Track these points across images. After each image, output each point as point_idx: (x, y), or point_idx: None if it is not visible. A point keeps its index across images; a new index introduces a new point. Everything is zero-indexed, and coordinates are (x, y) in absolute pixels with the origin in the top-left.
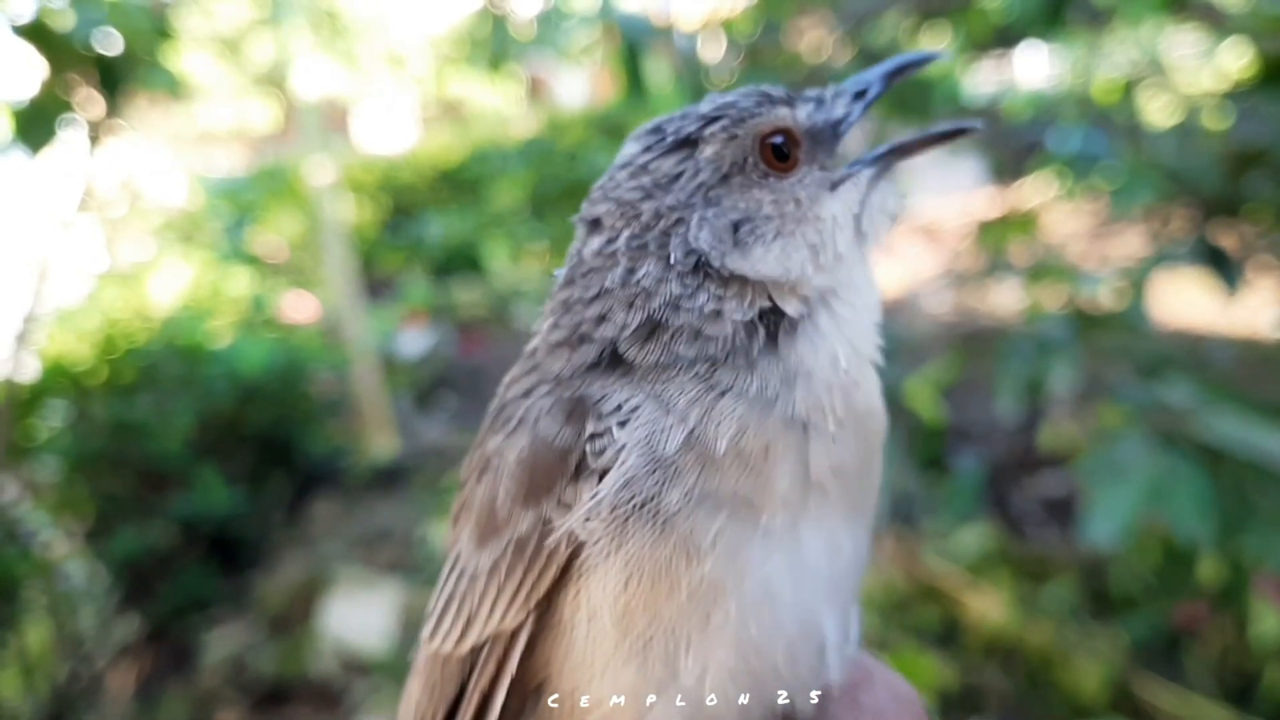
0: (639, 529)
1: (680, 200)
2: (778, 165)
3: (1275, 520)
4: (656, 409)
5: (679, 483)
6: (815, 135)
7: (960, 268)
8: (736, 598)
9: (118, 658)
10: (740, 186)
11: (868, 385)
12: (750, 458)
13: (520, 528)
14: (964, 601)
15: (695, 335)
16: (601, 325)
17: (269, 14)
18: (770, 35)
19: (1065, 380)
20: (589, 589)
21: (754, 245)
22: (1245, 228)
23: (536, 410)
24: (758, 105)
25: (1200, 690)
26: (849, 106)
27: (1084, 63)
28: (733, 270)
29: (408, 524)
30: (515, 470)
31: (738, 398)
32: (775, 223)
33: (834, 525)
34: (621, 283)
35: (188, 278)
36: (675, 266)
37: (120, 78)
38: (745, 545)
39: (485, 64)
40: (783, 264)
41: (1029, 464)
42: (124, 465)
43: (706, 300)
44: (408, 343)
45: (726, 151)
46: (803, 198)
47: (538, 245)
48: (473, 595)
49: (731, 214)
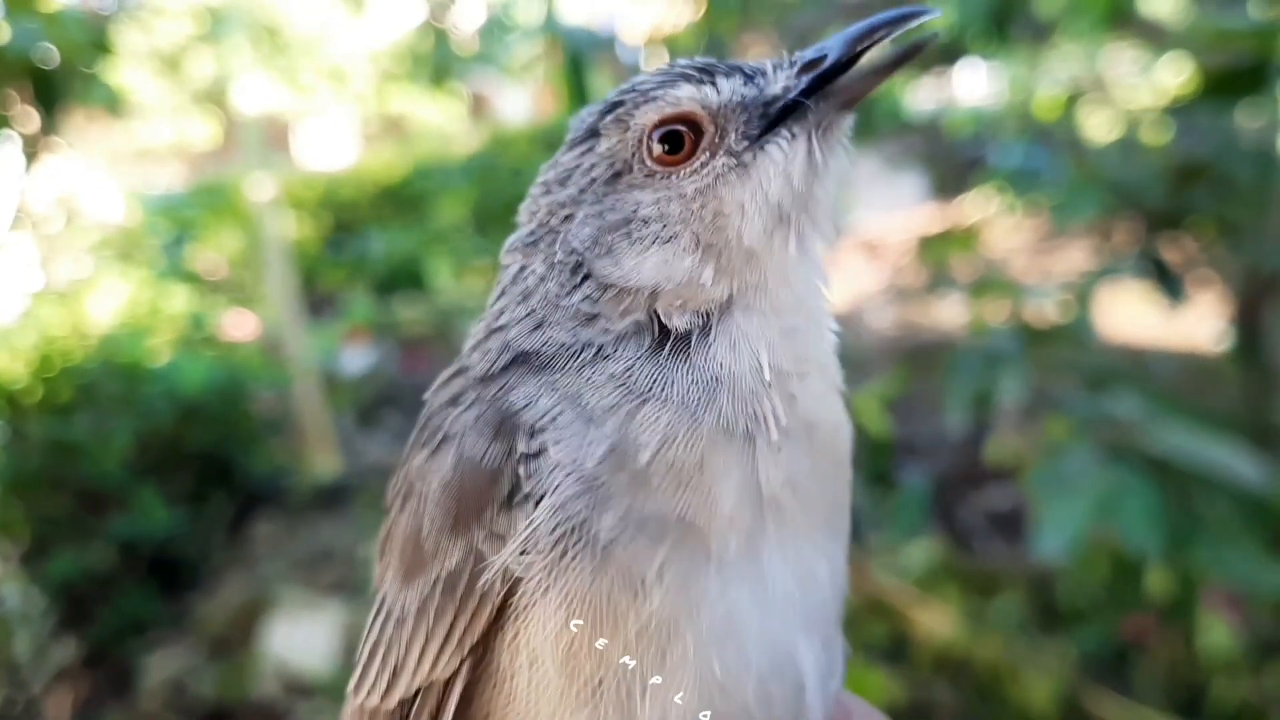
0: (575, 561)
1: (571, 196)
2: (667, 159)
3: (1222, 532)
4: (575, 417)
5: (611, 506)
6: (740, 114)
7: (903, 283)
8: (693, 633)
9: (54, 682)
10: (626, 185)
11: (814, 395)
12: (683, 472)
13: (449, 562)
14: (912, 616)
15: (573, 337)
16: (501, 319)
17: (209, 30)
18: (715, 51)
19: (1012, 394)
20: (528, 631)
21: (625, 252)
22: (1187, 241)
23: (462, 424)
24: (658, 87)
25: (1149, 702)
26: (791, 80)
27: (1024, 79)
28: (602, 277)
29: (350, 544)
30: (440, 496)
31: (662, 404)
32: (654, 226)
33: (802, 547)
34: (512, 279)
35: (126, 295)
36: (557, 265)
37: (57, 93)
38: (697, 574)
39: (427, 80)
40: (662, 272)
41: (975, 478)
42: (61, 486)
43: (581, 301)
44: (350, 360)
45: (619, 145)
46: (692, 192)
47: (481, 262)
48: (399, 641)
49: (610, 215)
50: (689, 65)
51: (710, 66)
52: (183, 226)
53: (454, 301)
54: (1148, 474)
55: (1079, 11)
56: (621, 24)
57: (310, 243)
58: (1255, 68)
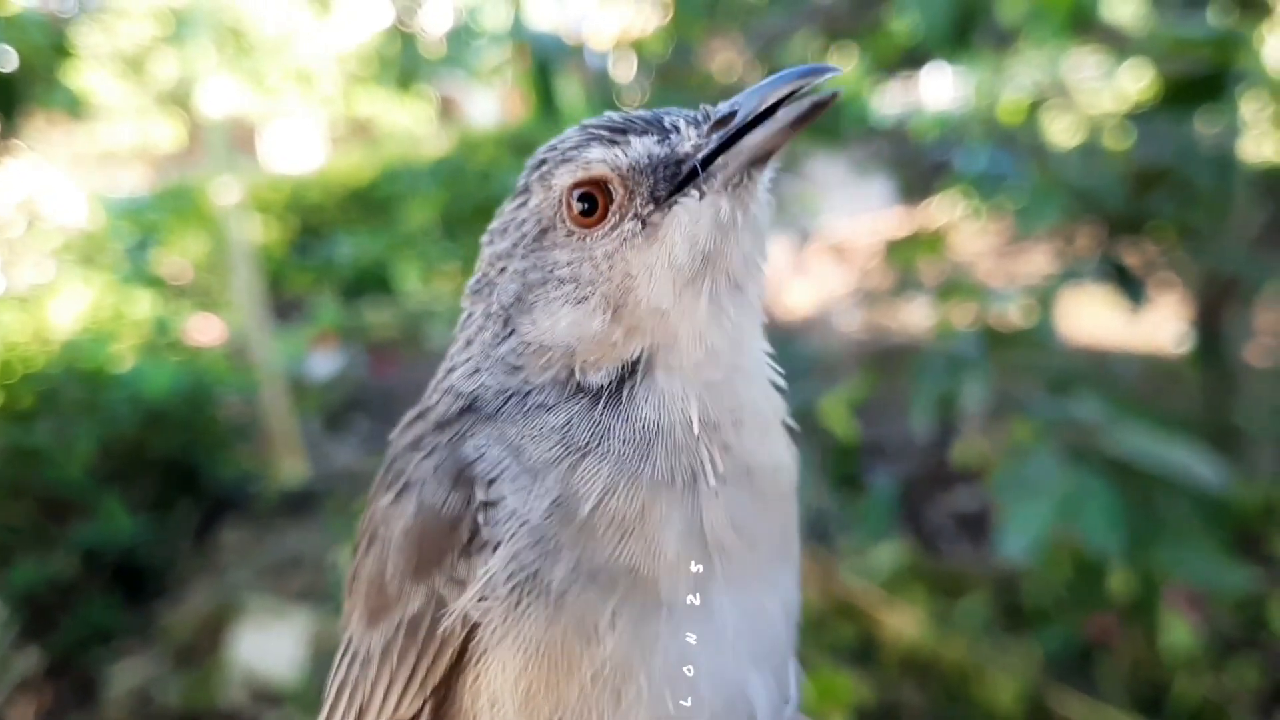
0: (530, 608)
1: (506, 249)
2: (583, 220)
3: (1183, 532)
4: (521, 470)
5: (562, 557)
6: (649, 175)
7: (870, 286)
8: (647, 674)
9: (17, 692)
10: (550, 243)
11: (751, 439)
12: (626, 521)
13: (411, 606)
14: (880, 618)
15: (502, 385)
16: (452, 361)
17: (173, 32)
18: (682, 55)
19: (977, 397)
20: (488, 673)
21: (542, 310)
22: (1148, 245)
23: (423, 472)
24: (575, 147)
25: (1112, 701)
26: (701, 139)
27: (989, 84)
28: (522, 334)
29: (319, 550)
30: (402, 542)
31: (600, 457)
32: (568, 287)
33: (750, 585)
34: (462, 324)
35: (89, 300)
36: (491, 316)
37: (17, 96)
38: (649, 618)
39: (394, 83)
40: (574, 332)
41: (942, 480)
42: (23, 493)
43: (507, 354)
44: (317, 365)
45: (544, 203)
46: (601, 255)
47: (449, 265)
48: (365, 681)
49: (532, 274)
50: (607, 123)
51: (628, 124)
52: (147, 230)
53: (422, 305)
54: (1109, 476)
55: (1042, 18)
56: (589, 29)
57: (277, 246)
58: (1213, 75)
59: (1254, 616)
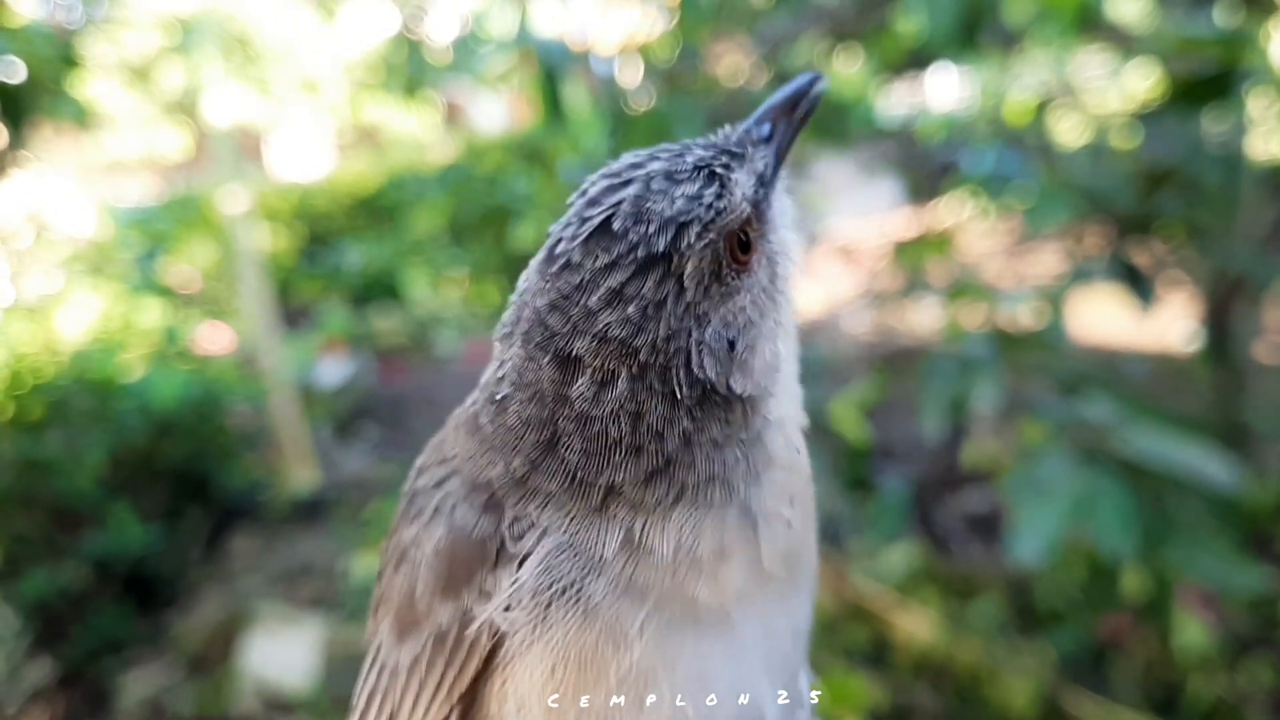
0: (561, 615)
1: (672, 328)
2: (742, 259)
3: (1195, 532)
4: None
5: (606, 572)
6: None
7: (879, 288)
8: (669, 681)
9: (29, 703)
10: (721, 296)
11: (800, 466)
12: (703, 562)
13: (440, 621)
14: (892, 621)
15: (708, 468)
16: (601, 473)
17: (179, 41)
18: (688, 60)
19: (988, 398)
20: (515, 679)
21: (752, 359)
22: (1157, 245)
23: (452, 500)
24: (718, 196)
25: (1126, 702)
26: (767, 159)
27: (995, 84)
28: (739, 392)
29: (329, 558)
30: (433, 561)
31: (692, 505)
32: (758, 325)
33: (773, 604)
34: (631, 429)
35: (98, 310)
36: (683, 403)
37: (25, 107)
38: (676, 629)
39: (401, 90)
40: (772, 364)
41: (953, 481)
42: (33, 504)
43: (718, 431)
44: (326, 372)
45: (704, 262)
46: (767, 282)
47: (457, 272)
48: (394, 691)
49: (727, 332)
50: (715, 164)
51: (728, 156)
52: (155, 239)
53: (430, 312)
54: (1121, 477)
55: (1048, 18)
56: (594, 34)
57: (285, 254)
58: (1220, 74)
59: (1268, 616)
